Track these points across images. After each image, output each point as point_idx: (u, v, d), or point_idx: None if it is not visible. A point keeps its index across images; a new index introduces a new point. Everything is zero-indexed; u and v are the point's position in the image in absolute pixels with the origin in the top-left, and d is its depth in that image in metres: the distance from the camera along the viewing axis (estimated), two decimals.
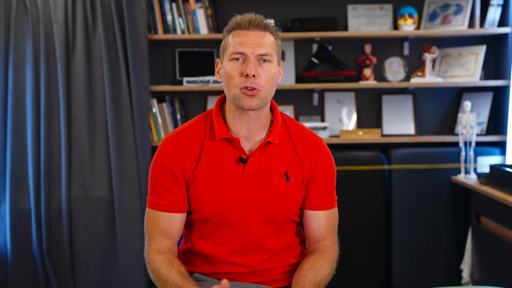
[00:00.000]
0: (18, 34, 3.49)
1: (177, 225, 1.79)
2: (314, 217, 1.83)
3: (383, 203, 3.66)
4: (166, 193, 1.77)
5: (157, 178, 1.78)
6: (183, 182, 1.77)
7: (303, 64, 3.88)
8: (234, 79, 1.72)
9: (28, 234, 3.53)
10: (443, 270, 3.67)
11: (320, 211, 1.83)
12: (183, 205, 1.79)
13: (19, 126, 3.50)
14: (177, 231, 1.79)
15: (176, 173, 1.76)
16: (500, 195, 2.85)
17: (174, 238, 1.79)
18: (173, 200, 1.77)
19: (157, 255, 1.74)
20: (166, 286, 1.69)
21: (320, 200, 1.83)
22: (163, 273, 1.70)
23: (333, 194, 1.86)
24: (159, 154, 1.79)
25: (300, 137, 1.84)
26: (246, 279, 1.81)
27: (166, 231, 1.77)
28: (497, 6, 3.61)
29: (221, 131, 1.77)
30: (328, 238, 1.84)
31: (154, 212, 1.78)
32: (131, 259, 3.51)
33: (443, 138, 3.69)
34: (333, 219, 1.86)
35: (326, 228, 1.84)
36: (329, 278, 1.78)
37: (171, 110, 3.74)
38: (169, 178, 1.77)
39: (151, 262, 1.74)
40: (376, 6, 3.82)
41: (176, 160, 1.76)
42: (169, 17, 3.68)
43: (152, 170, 1.79)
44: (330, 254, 1.80)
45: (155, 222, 1.78)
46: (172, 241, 1.78)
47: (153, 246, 1.76)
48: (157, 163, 1.78)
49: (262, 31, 1.73)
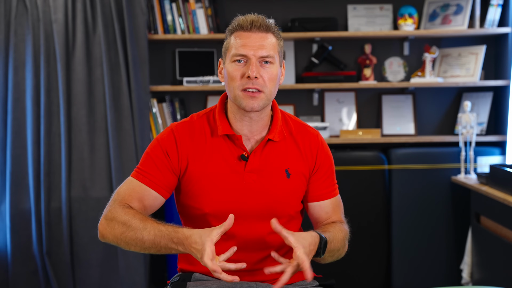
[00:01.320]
0: (18, 34, 3.49)
1: (151, 202, 1.75)
2: (321, 207, 1.86)
3: (383, 203, 3.66)
4: (154, 172, 1.76)
5: (150, 155, 1.78)
6: (175, 168, 1.77)
7: (303, 64, 3.88)
8: (236, 81, 1.73)
9: (28, 234, 3.53)
10: (443, 270, 3.67)
11: (325, 200, 1.86)
12: (164, 189, 1.76)
13: (19, 126, 3.50)
14: (149, 206, 1.75)
15: (171, 156, 1.76)
16: (500, 195, 2.85)
17: (147, 209, 1.75)
18: (157, 178, 1.75)
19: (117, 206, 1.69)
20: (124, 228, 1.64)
21: (323, 190, 1.86)
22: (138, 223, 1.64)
23: (334, 182, 1.89)
24: (160, 136, 1.80)
25: (300, 132, 1.86)
26: (247, 278, 1.81)
27: (138, 198, 1.74)
28: (497, 6, 3.61)
29: (224, 128, 1.78)
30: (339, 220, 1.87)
31: (133, 181, 1.75)
32: (131, 259, 3.51)
33: (443, 138, 3.69)
34: (339, 204, 1.90)
35: (335, 213, 1.87)
36: (343, 244, 1.80)
37: (171, 110, 3.74)
38: (162, 157, 1.77)
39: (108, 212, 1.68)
40: (376, 6, 3.82)
41: (174, 145, 1.77)
42: (169, 17, 3.68)
43: (149, 146, 1.80)
44: (341, 225, 1.83)
45: (130, 189, 1.75)
46: (145, 210, 1.74)
47: (116, 203, 1.71)
48: (155, 142, 1.79)
49: (264, 32, 1.73)
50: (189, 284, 1.81)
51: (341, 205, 1.91)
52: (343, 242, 1.81)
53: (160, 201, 1.78)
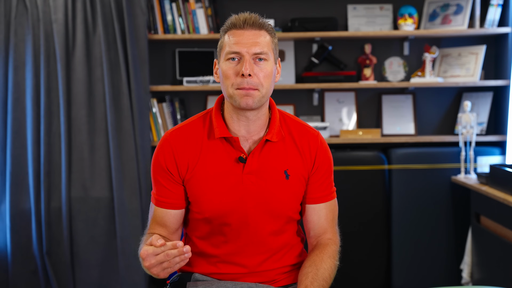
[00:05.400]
0: (18, 34, 3.49)
1: (171, 220, 1.81)
2: (315, 210, 1.84)
3: (383, 203, 3.66)
4: (162, 190, 1.80)
5: (154, 174, 1.81)
6: (179, 179, 1.78)
7: (303, 64, 3.88)
8: (230, 79, 1.72)
9: (28, 234, 3.53)
10: (443, 270, 3.67)
11: (320, 204, 1.84)
12: (178, 203, 1.80)
13: (19, 126, 3.50)
14: (171, 224, 1.82)
15: (172, 170, 1.78)
16: (500, 195, 2.85)
17: (170, 227, 1.82)
18: (168, 197, 1.79)
19: (145, 236, 1.79)
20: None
21: (320, 193, 1.84)
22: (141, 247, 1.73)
23: (331, 185, 1.87)
24: (157, 151, 1.81)
25: (299, 132, 1.84)
26: (246, 279, 1.81)
27: (160, 223, 1.81)
28: (497, 6, 3.61)
29: (220, 130, 1.77)
30: (329, 230, 1.85)
31: (153, 206, 1.84)
32: (131, 259, 3.51)
33: (443, 138, 3.69)
34: (333, 210, 1.87)
35: (326, 220, 1.84)
36: (334, 271, 1.78)
37: (171, 110, 3.74)
38: (164, 175, 1.79)
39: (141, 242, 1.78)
40: (376, 6, 3.82)
41: (172, 158, 1.78)
42: (169, 17, 3.68)
43: (151, 166, 1.83)
44: (331, 247, 1.81)
45: (152, 217, 1.83)
46: (168, 230, 1.81)
47: (146, 232, 1.82)
48: (155, 160, 1.81)
49: (257, 29, 1.73)
50: (188, 284, 1.81)
51: (335, 211, 1.88)
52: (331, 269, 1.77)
53: (180, 214, 1.83)
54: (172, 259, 1.54)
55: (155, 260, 1.55)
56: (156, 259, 1.55)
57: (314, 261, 1.76)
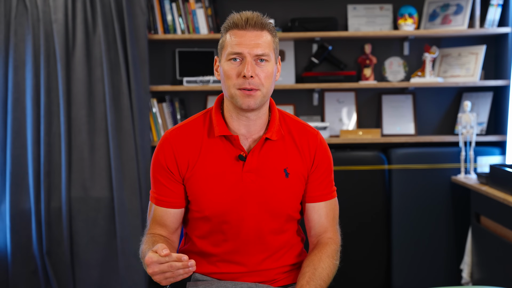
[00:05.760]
0: (18, 34, 3.49)
1: (171, 219, 1.81)
2: (315, 209, 1.84)
3: (383, 203, 3.66)
4: (162, 188, 1.80)
5: (154, 173, 1.81)
6: (179, 178, 1.79)
7: (303, 64, 3.88)
8: (232, 79, 1.72)
9: (28, 234, 3.53)
10: (443, 270, 3.67)
11: (320, 203, 1.84)
12: (178, 201, 1.81)
13: (19, 126, 3.50)
14: (171, 223, 1.82)
15: (172, 169, 1.78)
16: (500, 195, 2.85)
17: (170, 227, 1.82)
18: (168, 196, 1.80)
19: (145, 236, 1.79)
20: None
21: (320, 192, 1.84)
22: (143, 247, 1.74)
23: (331, 184, 1.87)
24: (157, 150, 1.82)
25: (299, 131, 1.84)
26: (246, 279, 1.81)
27: (160, 223, 1.81)
28: (497, 6, 3.61)
29: (220, 128, 1.77)
30: (330, 229, 1.85)
31: (152, 205, 1.83)
32: (131, 259, 3.51)
33: (443, 138, 3.69)
34: (334, 209, 1.87)
35: (327, 219, 1.84)
36: (332, 270, 1.78)
37: (171, 110, 3.74)
38: (165, 174, 1.79)
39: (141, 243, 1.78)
40: (376, 6, 3.82)
41: (172, 157, 1.78)
42: (169, 17, 3.68)
43: (151, 165, 1.83)
44: (330, 246, 1.81)
45: (152, 216, 1.83)
46: (168, 229, 1.81)
47: (146, 232, 1.82)
48: (155, 159, 1.81)
49: (259, 30, 1.73)
50: (188, 284, 1.81)
51: (336, 210, 1.88)
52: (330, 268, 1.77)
53: (180, 214, 1.83)
54: (176, 271, 1.55)
55: (159, 269, 1.55)
56: (159, 268, 1.55)
57: (313, 261, 1.76)
